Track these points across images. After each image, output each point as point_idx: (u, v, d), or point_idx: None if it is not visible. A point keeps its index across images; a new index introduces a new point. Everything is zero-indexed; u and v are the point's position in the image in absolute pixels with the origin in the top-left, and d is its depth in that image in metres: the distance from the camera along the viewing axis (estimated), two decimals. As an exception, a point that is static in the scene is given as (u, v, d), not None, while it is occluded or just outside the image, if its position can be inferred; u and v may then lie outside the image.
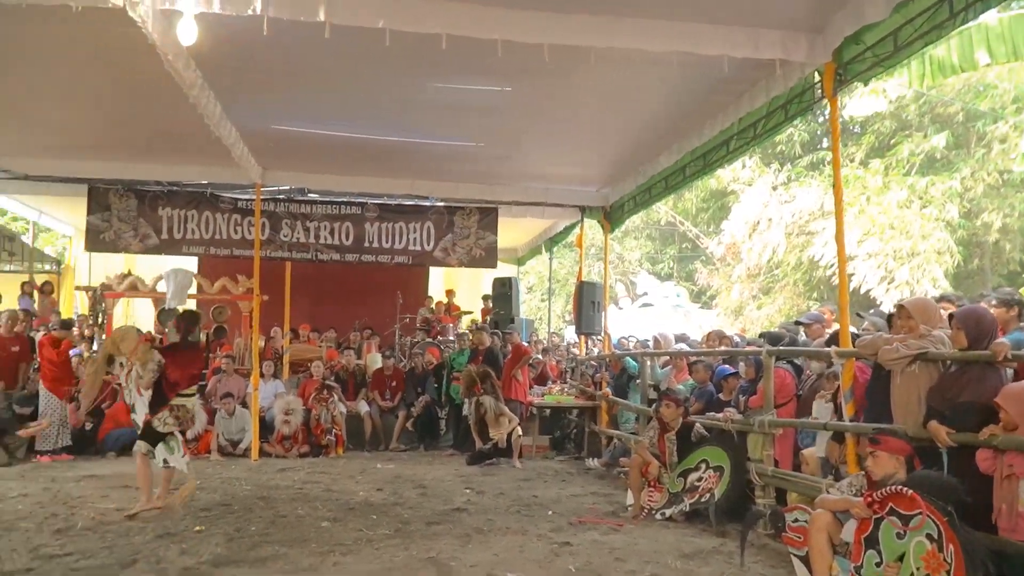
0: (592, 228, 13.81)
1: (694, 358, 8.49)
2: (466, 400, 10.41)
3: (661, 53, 5.35)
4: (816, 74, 6.28)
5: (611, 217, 11.51)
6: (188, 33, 4.82)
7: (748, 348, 7.70)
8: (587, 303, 11.35)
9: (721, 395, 7.55)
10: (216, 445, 9.69)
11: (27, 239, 16.98)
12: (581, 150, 9.36)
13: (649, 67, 6.24)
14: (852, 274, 16.10)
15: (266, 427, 10.00)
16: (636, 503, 6.67)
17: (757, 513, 5.45)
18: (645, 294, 22.24)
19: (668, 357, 9.25)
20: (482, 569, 4.91)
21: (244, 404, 10.09)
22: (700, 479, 6.41)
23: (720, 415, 6.88)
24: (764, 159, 21.83)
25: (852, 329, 5.86)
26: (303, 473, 8.53)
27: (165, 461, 6.27)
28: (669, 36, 5.56)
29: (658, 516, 6.44)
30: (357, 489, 7.61)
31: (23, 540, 5.41)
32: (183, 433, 6.55)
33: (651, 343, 10.87)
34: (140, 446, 6.29)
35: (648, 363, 9.12)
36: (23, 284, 13.40)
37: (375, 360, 11.70)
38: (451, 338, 12.91)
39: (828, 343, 5.96)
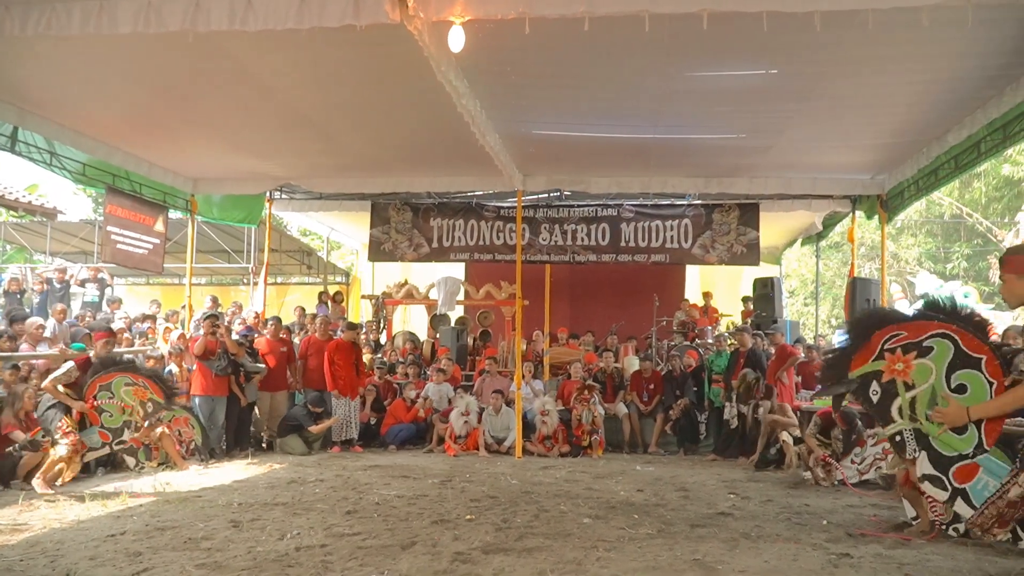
0: (861, 224, 12.72)
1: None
2: (727, 404, 10.00)
3: (955, 9, 4.70)
4: None
5: (888, 206, 10.50)
6: (457, 41, 5.10)
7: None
8: (861, 301, 10.46)
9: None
10: (483, 442, 10.16)
11: (322, 255, 19.23)
12: (853, 132, 8.60)
13: (938, 29, 5.55)
14: None
15: (528, 426, 10.33)
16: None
17: None
18: (925, 295, 20.00)
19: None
20: (752, 575, 4.64)
21: (508, 403, 10.50)
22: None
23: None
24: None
25: None
26: (564, 471, 8.67)
27: None
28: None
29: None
30: (618, 489, 7.58)
31: (319, 519, 6.00)
32: None
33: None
34: None
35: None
36: (320, 294, 15.17)
37: (632, 363, 11.65)
38: (709, 340, 12.52)
39: None
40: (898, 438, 3.88)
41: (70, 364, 7.06)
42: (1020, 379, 3.62)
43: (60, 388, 7.20)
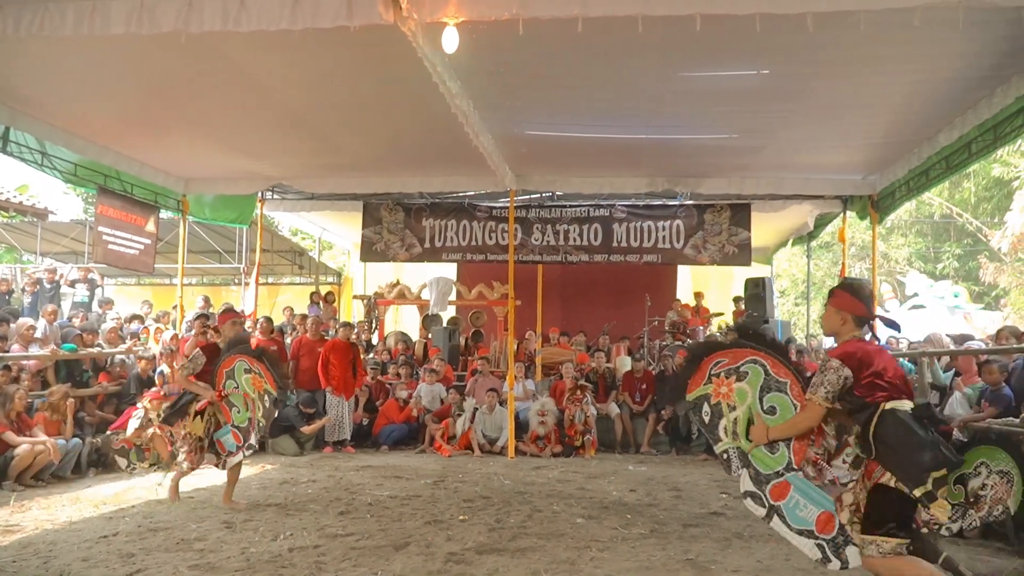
0: (851, 224, 12.78)
1: (984, 358, 7.55)
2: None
3: (947, 10, 4.73)
4: None
5: (879, 207, 10.54)
6: (451, 41, 5.10)
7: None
8: (852, 301, 10.48)
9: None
10: (476, 442, 10.16)
11: (313, 255, 19.18)
12: (845, 133, 8.62)
13: (930, 30, 5.59)
14: None
15: (520, 427, 10.33)
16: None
17: None
18: (915, 295, 20.06)
19: (949, 360, 8.28)
20: (745, 575, 4.67)
21: (501, 403, 10.50)
22: (984, 487, 5.62)
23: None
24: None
25: None
26: (557, 472, 8.68)
27: None
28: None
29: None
30: (610, 489, 7.60)
31: (312, 520, 6.02)
32: None
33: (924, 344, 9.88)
34: None
35: (927, 363, 8.25)
36: (311, 294, 15.12)
37: (624, 363, 11.67)
38: (701, 340, 12.55)
39: None
40: (724, 456, 4.21)
41: (197, 351, 6.74)
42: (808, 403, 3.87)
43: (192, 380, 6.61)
